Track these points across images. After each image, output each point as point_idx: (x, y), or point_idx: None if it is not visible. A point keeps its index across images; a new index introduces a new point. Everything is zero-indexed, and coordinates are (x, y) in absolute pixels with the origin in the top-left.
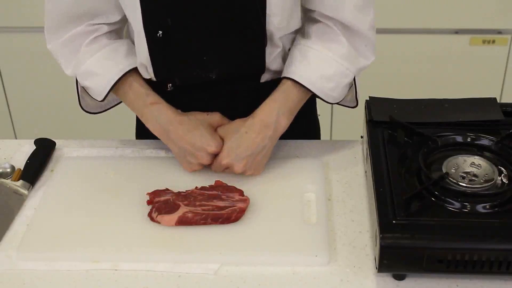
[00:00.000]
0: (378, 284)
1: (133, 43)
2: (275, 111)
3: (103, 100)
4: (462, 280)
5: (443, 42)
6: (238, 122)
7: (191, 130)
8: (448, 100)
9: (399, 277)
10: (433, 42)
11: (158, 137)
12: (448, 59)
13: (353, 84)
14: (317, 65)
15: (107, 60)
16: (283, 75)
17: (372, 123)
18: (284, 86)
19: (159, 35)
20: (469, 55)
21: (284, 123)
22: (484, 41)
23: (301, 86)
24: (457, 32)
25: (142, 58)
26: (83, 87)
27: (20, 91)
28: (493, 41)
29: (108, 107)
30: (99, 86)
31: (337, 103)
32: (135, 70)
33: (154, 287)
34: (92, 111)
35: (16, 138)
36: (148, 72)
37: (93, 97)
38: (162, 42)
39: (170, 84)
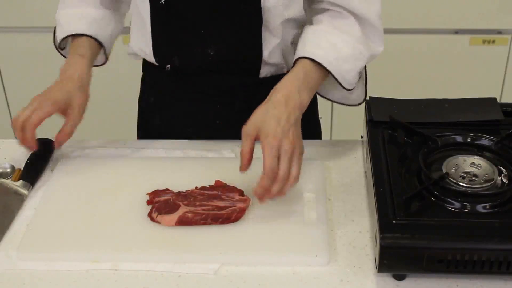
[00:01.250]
0: (378, 284)
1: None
2: (296, 86)
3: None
4: (462, 280)
5: (443, 42)
6: (260, 108)
7: (73, 86)
8: (448, 100)
9: (399, 277)
10: (433, 42)
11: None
12: (448, 59)
13: (363, 73)
14: (333, 46)
15: (74, 18)
16: (298, 55)
17: (372, 123)
18: (303, 64)
19: (162, 1)
20: (469, 55)
21: (306, 97)
22: (484, 41)
23: (318, 66)
24: (457, 32)
25: (142, 36)
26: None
27: (20, 91)
28: (493, 41)
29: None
30: (57, 37)
31: (342, 103)
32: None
33: (154, 287)
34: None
35: (16, 138)
36: (147, 54)
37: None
38: (164, 11)
39: (169, 65)
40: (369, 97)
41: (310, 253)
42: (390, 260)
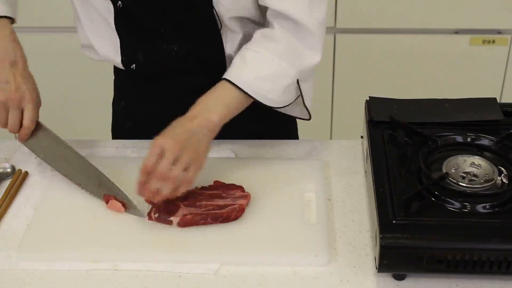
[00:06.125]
0: (378, 284)
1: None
2: (205, 104)
3: None
4: (462, 280)
5: (443, 42)
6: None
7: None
8: (448, 100)
9: (399, 277)
10: (433, 42)
11: None
12: (448, 59)
13: (299, 92)
14: (253, 65)
15: None
16: (222, 77)
17: (372, 123)
18: (220, 86)
19: (119, 5)
20: (469, 55)
21: (215, 115)
22: (484, 41)
23: (237, 88)
24: (457, 32)
25: (107, 38)
26: None
27: None
28: (493, 41)
29: None
30: None
31: (287, 113)
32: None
33: (154, 287)
34: None
35: (16, 138)
36: (112, 53)
37: None
38: (124, 14)
39: (134, 65)
40: (369, 97)
41: (310, 253)
42: (390, 260)
